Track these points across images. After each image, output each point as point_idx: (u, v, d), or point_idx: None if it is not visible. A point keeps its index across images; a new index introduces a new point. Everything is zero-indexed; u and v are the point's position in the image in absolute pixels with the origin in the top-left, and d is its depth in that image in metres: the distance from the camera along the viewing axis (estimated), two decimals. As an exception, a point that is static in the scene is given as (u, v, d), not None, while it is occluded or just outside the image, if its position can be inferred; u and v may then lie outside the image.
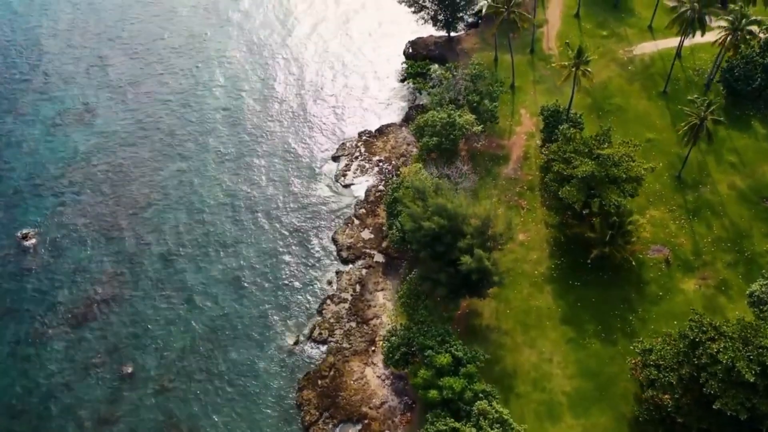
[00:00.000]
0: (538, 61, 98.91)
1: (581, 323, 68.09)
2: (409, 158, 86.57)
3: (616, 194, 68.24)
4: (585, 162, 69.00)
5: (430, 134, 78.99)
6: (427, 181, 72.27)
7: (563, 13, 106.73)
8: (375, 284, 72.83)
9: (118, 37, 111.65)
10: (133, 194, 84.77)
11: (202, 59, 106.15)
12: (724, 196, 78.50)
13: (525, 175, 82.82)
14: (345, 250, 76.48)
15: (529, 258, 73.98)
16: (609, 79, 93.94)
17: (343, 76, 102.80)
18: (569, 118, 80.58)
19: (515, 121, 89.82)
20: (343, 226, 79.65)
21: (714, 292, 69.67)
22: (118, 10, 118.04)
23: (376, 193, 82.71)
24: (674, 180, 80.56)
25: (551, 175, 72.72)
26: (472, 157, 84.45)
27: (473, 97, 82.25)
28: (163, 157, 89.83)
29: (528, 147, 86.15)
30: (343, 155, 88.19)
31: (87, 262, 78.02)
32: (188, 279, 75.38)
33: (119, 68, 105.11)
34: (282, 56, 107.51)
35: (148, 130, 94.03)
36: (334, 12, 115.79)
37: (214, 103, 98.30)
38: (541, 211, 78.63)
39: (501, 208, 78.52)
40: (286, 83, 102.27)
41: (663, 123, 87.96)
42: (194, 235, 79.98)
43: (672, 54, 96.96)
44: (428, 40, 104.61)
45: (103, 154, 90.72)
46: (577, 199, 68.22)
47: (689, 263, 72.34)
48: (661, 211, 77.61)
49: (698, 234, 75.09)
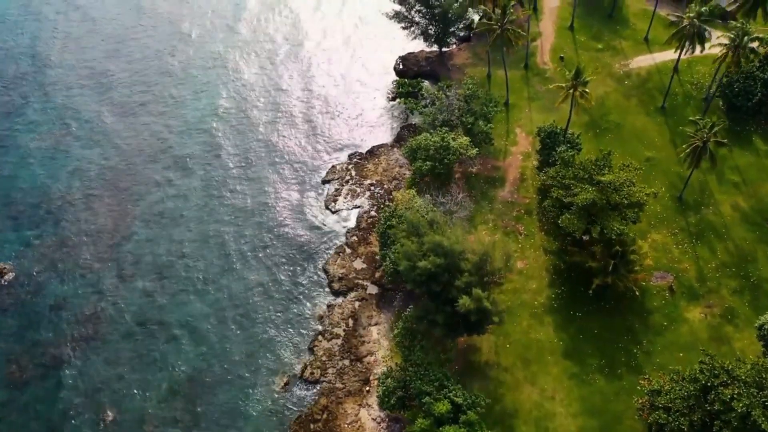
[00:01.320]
0: (533, 77, 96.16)
1: (584, 357, 65.31)
2: (401, 181, 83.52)
3: (618, 221, 65.53)
4: (585, 189, 66.22)
5: (423, 158, 76.00)
6: (422, 209, 69.49)
7: (557, 25, 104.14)
8: (368, 318, 69.69)
9: (95, 58, 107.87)
10: (112, 225, 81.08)
11: (184, 81, 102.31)
12: (727, 218, 76.04)
13: (522, 198, 79.98)
14: (336, 282, 73.30)
15: (528, 287, 71.13)
16: (605, 95, 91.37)
17: (332, 95, 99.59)
18: (567, 139, 77.84)
19: (510, 141, 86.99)
20: (334, 255, 76.43)
21: (720, 321, 67.14)
22: (96, 30, 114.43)
23: (368, 220, 79.58)
24: (675, 201, 78.02)
25: (550, 201, 69.96)
26: (466, 179, 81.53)
27: (467, 118, 79.36)
28: (144, 185, 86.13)
29: (524, 168, 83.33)
30: (333, 179, 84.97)
31: (65, 298, 74.33)
32: (170, 316, 71.88)
33: (97, 90, 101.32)
34: (268, 74, 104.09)
35: (127, 156, 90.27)
36: (321, 28, 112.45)
37: (198, 127, 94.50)
38: (540, 237, 75.83)
39: (498, 235, 76.05)
40: (271, 102, 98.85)
41: (662, 140, 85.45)
42: (176, 268, 76.44)
43: (669, 67, 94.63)
44: (419, 56, 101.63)
45: (81, 182, 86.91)
46: (578, 228, 65.45)
47: (694, 290, 69.77)
48: (663, 234, 75.02)
49: (702, 259, 72.55)
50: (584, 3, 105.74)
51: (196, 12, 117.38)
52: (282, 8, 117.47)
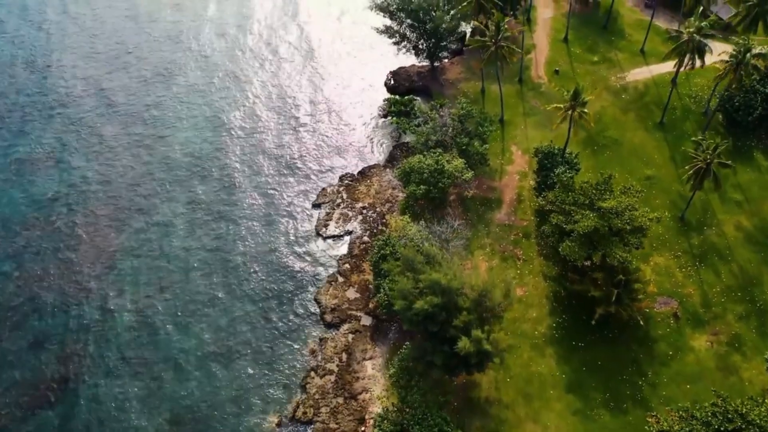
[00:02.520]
0: (528, 91, 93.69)
1: (588, 391, 62.78)
2: (395, 204, 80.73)
3: (621, 248, 63.10)
4: (586, 215, 63.75)
5: (417, 182, 73.30)
6: (417, 238, 66.80)
7: (551, 37, 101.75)
8: (363, 352, 66.86)
9: (77, 76, 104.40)
10: (95, 255, 77.65)
11: (167, 103, 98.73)
12: (730, 239, 73.83)
13: (519, 221, 77.41)
14: (329, 313, 70.40)
15: (528, 316, 68.55)
16: (602, 110, 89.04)
17: (321, 113, 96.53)
18: (565, 159, 75.33)
19: (506, 160, 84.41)
20: (326, 284, 73.49)
21: (727, 349, 64.83)
22: (82, 45, 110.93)
23: (360, 246, 76.70)
24: (677, 222, 75.74)
25: (549, 227, 67.46)
26: (462, 201, 78.89)
27: (461, 139, 76.67)
28: (127, 211, 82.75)
29: (521, 188, 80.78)
30: (324, 202, 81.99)
31: (46, 334, 70.89)
32: (155, 352, 68.65)
33: (83, 108, 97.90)
34: (253, 92, 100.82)
35: (110, 181, 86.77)
36: (309, 44, 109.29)
37: (182, 150, 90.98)
38: (539, 262, 73.28)
39: (495, 260, 73.53)
40: (257, 122, 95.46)
41: (661, 157, 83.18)
42: (163, 300, 73.23)
43: (666, 80, 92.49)
44: (410, 70, 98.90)
45: (63, 209, 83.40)
46: (579, 256, 63.00)
47: (699, 317, 67.45)
48: (666, 257, 72.69)
49: (706, 283, 70.26)
50: (578, 14, 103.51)
51: (185, 32, 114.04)
52: (266, 26, 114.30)
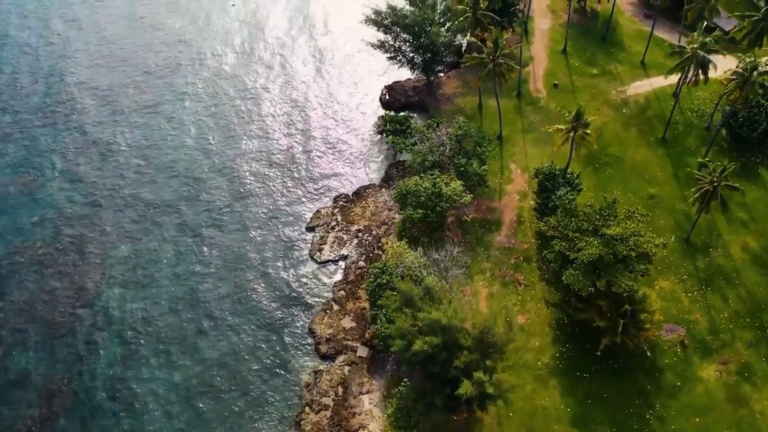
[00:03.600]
0: (526, 106, 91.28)
1: (594, 425, 60.44)
2: (391, 226, 78.15)
3: (627, 276, 60.78)
4: (590, 243, 61.39)
5: (414, 205, 70.74)
6: (414, 265, 64.36)
7: (549, 49, 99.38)
8: (359, 386, 64.29)
9: (61, 92, 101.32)
10: (79, 284, 74.67)
11: (155, 121, 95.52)
12: (737, 261, 71.66)
13: (520, 244, 75.00)
14: (324, 344, 67.79)
15: (531, 345, 66.15)
16: (603, 125, 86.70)
17: (314, 130, 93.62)
18: (566, 180, 72.95)
19: (505, 179, 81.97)
20: (320, 312, 70.85)
21: (737, 379, 62.65)
22: (72, 61, 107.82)
23: (356, 271, 74.10)
24: (683, 243, 73.49)
25: (552, 254, 65.07)
26: (460, 223, 76.37)
27: (459, 160, 74.16)
28: (113, 236, 79.74)
29: (521, 209, 78.36)
30: (318, 225, 79.32)
31: (29, 371, 67.85)
32: (142, 388, 65.76)
33: (66, 128, 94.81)
34: (243, 107, 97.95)
35: (95, 204, 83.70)
36: (302, 58, 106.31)
37: (170, 171, 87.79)
38: (540, 287, 70.90)
39: (496, 286, 71.12)
40: (248, 139, 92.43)
41: (665, 175, 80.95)
42: (148, 332, 70.30)
43: (667, 93, 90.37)
44: (406, 84, 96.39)
45: (46, 235, 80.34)
46: (584, 285, 60.65)
47: (707, 344, 65.23)
48: (671, 281, 70.44)
49: (713, 308, 68.08)
50: (577, 25, 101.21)
51: (172, 48, 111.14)
52: (253, 41, 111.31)
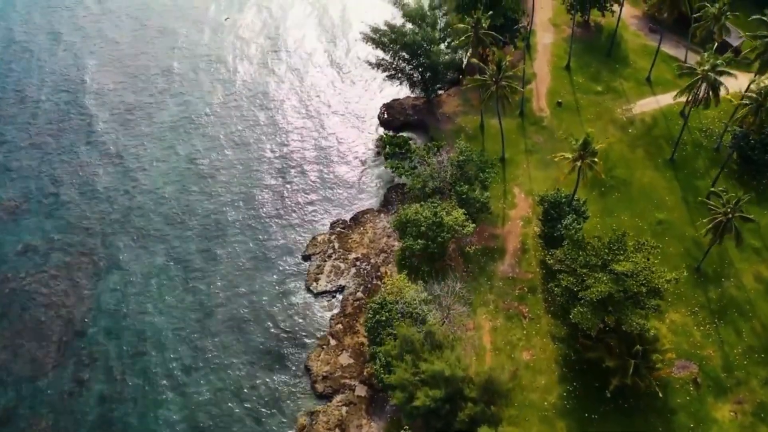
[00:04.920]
0: (529, 126, 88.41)
1: (604, 470, 57.82)
2: (390, 255, 75.23)
3: (638, 314, 57.99)
4: (599, 279, 58.54)
5: (414, 235, 67.90)
6: (416, 299, 61.60)
7: (552, 65, 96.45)
8: (358, 428, 61.39)
9: (49, 113, 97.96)
10: (66, 316, 71.67)
11: (144, 143, 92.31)
12: (750, 292, 68.98)
13: (524, 273, 72.14)
14: (320, 382, 64.86)
15: (537, 384, 63.30)
16: (609, 146, 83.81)
17: (310, 150, 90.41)
18: (572, 207, 70.10)
19: (508, 203, 79.12)
20: (316, 348, 67.93)
21: (752, 420, 59.97)
22: (58, 79, 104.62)
23: (354, 303, 71.19)
24: (693, 273, 70.75)
25: (559, 290, 62.21)
26: (462, 252, 73.46)
27: (461, 187, 71.27)
28: (102, 264, 76.65)
29: (525, 236, 75.50)
30: (314, 253, 76.32)
31: (14, 410, 64.78)
32: (131, 428, 62.85)
33: (53, 150, 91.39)
34: (235, 127, 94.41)
35: (85, 231, 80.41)
36: (297, 74, 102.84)
37: (160, 193, 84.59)
38: (546, 320, 68.08)
39: (500, 319, 68.28)
40: (241, 161, 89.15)
41: (673, 199, 78.16)
42: (137, 368, 67.29)
43: (674, 111, 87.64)
44: (405, 103, 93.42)
45: (34, 260, 77.23)
46: (593, 324, 57.84)
47: (720, 382, 62.52)
48: (682, 313, 67.70)
49: (727, 343, 65.36)
50: (580, 39, 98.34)
51: (160, 70, 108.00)
52: (251, 56, 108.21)
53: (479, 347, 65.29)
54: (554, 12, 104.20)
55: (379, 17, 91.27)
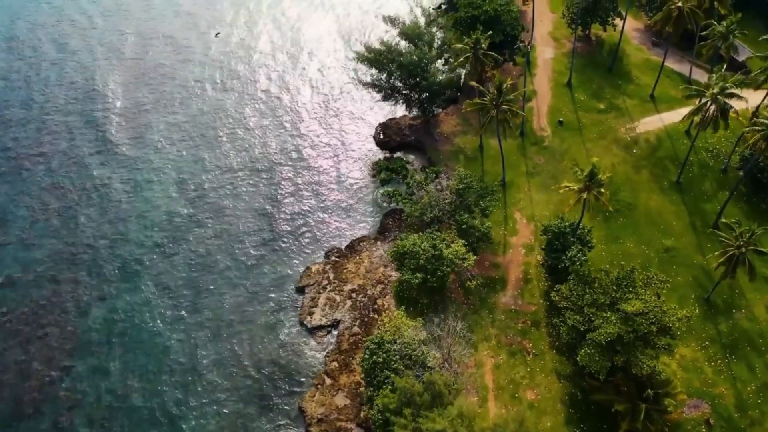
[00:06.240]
0: (530, 146, 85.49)
1: None
2: (387, 286, 72.14)
3: (648, 355, 55.13)
4: (608, 320, 55.63)
5: (413, 268, 64.86)
6: (415, 339, 58.62)
7: (553, 81, 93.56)
8: (355, 476, 58.47)
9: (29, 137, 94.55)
10: (47, 355, 68.25)
11: (133, 164, 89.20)
12: (762, 324, 66.19)
13: (527, 305, 69.21)
14: (315, 425, 61.74)
15: (542, 426, 60.34)
16: (613, 167, 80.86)
17: (302, 173, 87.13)
18: (577, 237, 67.16)
19: (510, 230, 76.12)
20: (311, 388, 64.83)
21: (768, 464, 57.29)
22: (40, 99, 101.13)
23: (350, 338, 68.10)
24: (703, 304, 67.95)
25: (565, 329, 59.30)
26: (462, 283, 70.43)
27: (461, 216, 68.26)
28: (85, 298, 73.30)
29: (527, 265, 72.52)
30: (308, 284, 73.14)
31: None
32: (118, 480, 59.97)
33: (32, 176, 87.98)
34: (226, 149, 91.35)
35: (68, 262, 76.88)
36: (290, 94, 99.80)
37: (148, 219, 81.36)
38: (551, 356, 65.13)
39: (502, 356, 65.34)
40: (231, 184, 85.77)
41: (681, 224, 75.35)
42: (123, 410, 63.90)
43: (679, 130, 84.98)
44: (402, 122, 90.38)
45: (13, 295, 73.74)
46: (601, 367, 54.92)
47: (734, 423, 59.68)
48: (693, 348, 64.86)
49: (739, 380, 62.53)
50: (581, 54, 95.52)
51: (150, 86, 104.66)
52: (242, 74, 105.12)
53: (481, 387, 62.42)
54: (554, 25, 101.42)
55: (373, 34, 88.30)
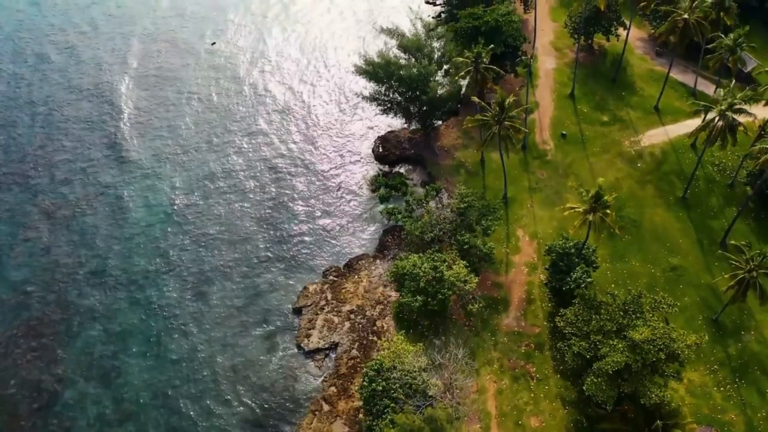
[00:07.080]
0: (533, 160, 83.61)
1: None
2: (387, 307, 70.21)
3: (656, 384, 53.33)
4: (615, 348, 53.78)
5: (413, 291, 62.98)
6: (415, 367, 56.74)
7: (556, 93, 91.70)
8: None
9: (24, 150, 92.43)
10: (37, 379, 66.18)
11: (124, 179, 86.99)
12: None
13: (530, 327, 67.33)
14: (313, 454, 59.96)
15: (547, 455, 58.68)
16: (617, 182, 79.24)
17: (300, 189, 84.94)
18: (582, 257, 65.26)
19: (512, 248, 74.22)
20: (308, 414, 62.87)
21: (781, 496, 55.46)
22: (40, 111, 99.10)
23: (348, 362, 66.16)
24: (711, 325, 66.13)
25: (570, 355, 57.41)
26: (463, 305, 68.44)
27: (463, 236, 66.37)
28: (76, 318, 71.17)
29: (530, 285, 70.65)
30: (306, 305, 71.18)
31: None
32: None
33: (21, 191, 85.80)
34: (220, 161, 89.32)
35: (57, 281, 74.78)
36: (287, 105, 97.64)
37: (142, 238, 79.17)
38: (555, 381, 63.25)
39: (505, 381, 63.44)
40: (225, 199, 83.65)
41: (687, 241, 73.50)
42: (116, 440, 62.41)
43: (685, 144, 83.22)
44: (401, 135, 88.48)
45: (2, 318, 71.91)
46: (609, 397, 53.11)
47: (744, 452, 57.99)
48: (701, 372, 63.00)
49: (749, 406, 60.69)
50: (584, 64, 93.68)
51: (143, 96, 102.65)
52: (237, 84, 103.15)
53: (484, 413, 60.54)
54: (556, 35, 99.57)
55: (371, 47, 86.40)
